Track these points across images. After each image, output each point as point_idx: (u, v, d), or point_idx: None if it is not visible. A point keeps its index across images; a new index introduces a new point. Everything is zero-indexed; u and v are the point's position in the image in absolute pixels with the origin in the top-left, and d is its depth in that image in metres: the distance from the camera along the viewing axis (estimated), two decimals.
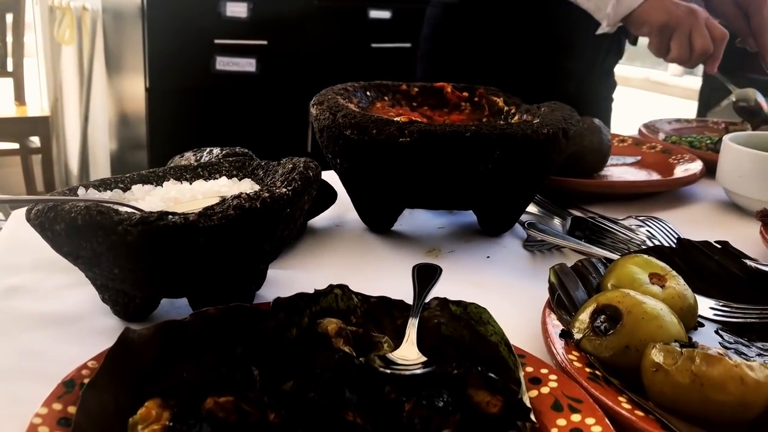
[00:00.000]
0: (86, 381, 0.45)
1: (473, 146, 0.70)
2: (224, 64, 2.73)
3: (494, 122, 0.88)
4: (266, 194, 0.54)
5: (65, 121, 3.58)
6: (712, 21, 1.08)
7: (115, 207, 0.53)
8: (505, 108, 0.89)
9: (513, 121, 0.86)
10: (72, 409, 0.43)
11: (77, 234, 0.51)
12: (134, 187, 0.65)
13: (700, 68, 3.15)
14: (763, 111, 1.22)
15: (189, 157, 0.82)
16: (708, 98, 2.73)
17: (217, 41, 2.67)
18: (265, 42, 2.75)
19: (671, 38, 1.07)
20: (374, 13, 2.94)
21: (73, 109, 3.42)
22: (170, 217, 0.51)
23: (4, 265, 0.70)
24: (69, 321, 0.60)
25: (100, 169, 3.33)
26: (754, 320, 0.61)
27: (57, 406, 0.43)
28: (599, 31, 1.13)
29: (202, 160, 0.79)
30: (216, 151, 0.81)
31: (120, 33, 2.94)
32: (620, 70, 1.55)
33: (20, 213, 0.83)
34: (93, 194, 0.62)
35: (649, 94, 8.41)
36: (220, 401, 0.42)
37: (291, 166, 0.60)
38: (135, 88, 2.76)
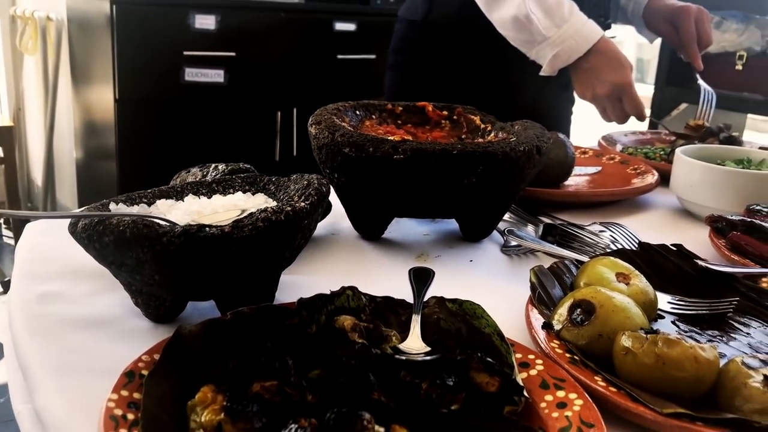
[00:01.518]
0: (144, 372, 0.53)
1: (460, 162, 0.79)
2: (193, 75, 2.78)
3: (474, 139, 0.97)
4: (288, 208, 0.62)
5: (28, 130, 3.57)
6: (632, 96, 1.24)
7: (156, 221, 0.60)
8: (482, 125, 0.98)
9: (489, 137, 0.96)
10: (137, 395, 0.50)
11: (125, 245, 0.58)
12: (158, 202, 0.72)
13: (652, 76, 3.27)
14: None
15: (195, 173, 0.89)
16: (659, 107, 2.89)
17: (186, 52, 2.73)
18: (233, 53, 2.81)
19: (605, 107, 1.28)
20: (339, 26, 3.02)
21: (37, 119, 3.41)
22: (208, 229, 0.58)
23: (32, 274, 0.76)
24: (104, 323, 0.67)
25: (66, 179, 3.33)
26: (705, 312, 0.71)
27: (124, 393, 0.50)
28: (541, 73, 1.26)
29: (209, 176, 0.87)
30: (221, 166, 0.88)
31: (87, 43, 2.96)
32: None
33: (35, 226, 0.89)
34: (123, 208, 0.69)
35: None
36: (266, 385, 0.50)
37: (306, 182, 0.68)
38: (103, 98, 2.79)
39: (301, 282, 0.77)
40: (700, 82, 1.44)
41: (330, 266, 0.84)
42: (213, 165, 0.89)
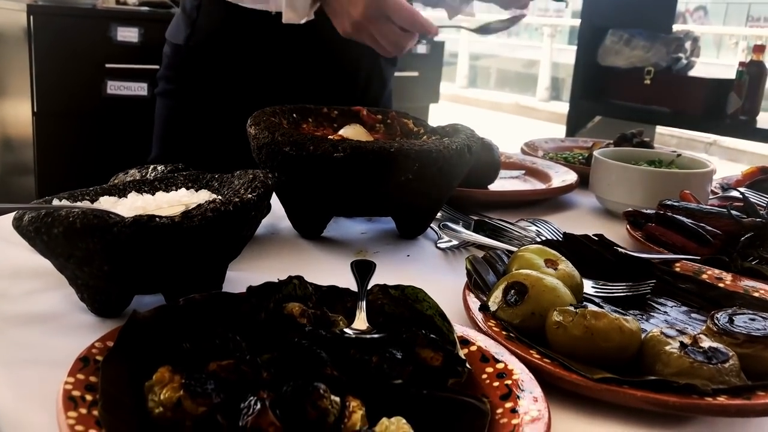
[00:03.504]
0: (98, 357, 0.54)
1: (396, 160, 0.82)
2: (116, 88, 2.74)
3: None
4: (236, 199, 0.64)
5: None
6: (399, 6, 1.01)
7: (106, 212, 0.61)
8: (414, 129, 1.03)
9: (422, 140, 1.00)
10: (93, 378, 0.51)
11: (75, 236, 0.58)
12: (102, 199, 0.72)
13: (567, 94, 3.44)
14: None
15: (134, 174, 0.90)
16: (575, 121, 3.03)
17: (108, 65, 2.68)
18: (157, 66, 2.77)
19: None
20: None
21: None
22: (158, 219, 0.60)
23: None
24: (49, 319, 0.67)
25: None
26: (626, 294, 0.77)
27: (80, 376, 0.51)
28: (285, 20, 1.06)
29: (148, 175, 0.87)
30: (160, 167, 0.89)
31: (2, 55, 2.87)
32: (491, 95, 1.67)
33: None
34: (66, 204, 0.69)
35: (520, 118, 8.98)
36: (223, 364, 0.52)
37: (251, 176, 0.70)
38: (20, 111, 2.70)
39: (245, 277, 0.79)
40: None
41: (272, 263, 0.86)
42: (152, 166, 0.89)
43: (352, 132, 0.97)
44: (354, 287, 0.70)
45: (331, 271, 0.83)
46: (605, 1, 2.95)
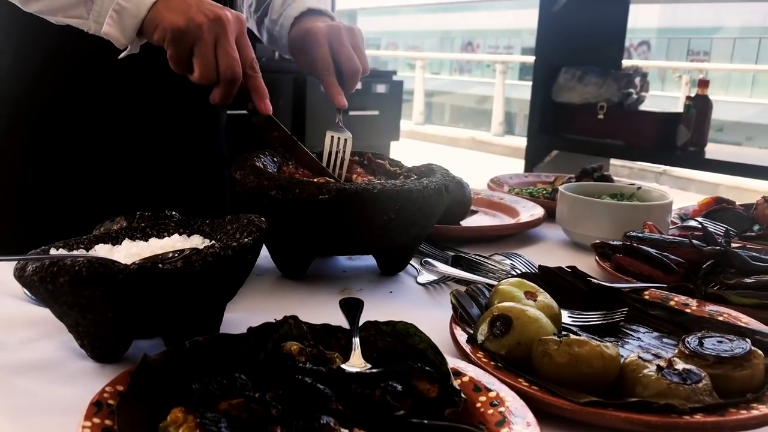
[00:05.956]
0: (111, 401, 0.55)
1: (380, 200, 0.86)
2: None
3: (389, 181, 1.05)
4: (234, 243, 0.67)
5: None
6: (246, 39, 0.88)
7: (109, 260, 0.63)
8: (391, 169, 1.07)
9: (399, 180, 1.04)
10: (108, 422, 0.53)
11: (81, 284, 0.60)
12: (97, 247, 0.74)
13: (520, 128, 3.59)
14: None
15: (120, 221, 0.91)
16: (533, 156, 3.13)
17: None
18: None
19: (193, 52, 0.85)
20: None
21: None
22: (161, 265, 0.62)
23: None
24: (48, 367, 0.68)
25: None
26: (600, 322, 0.82)
27: (96, 420, 0.53)
28: (121, 56, 0.88)
29: (134, 224, 0.89)
30: (147, 214, 0.91)
31: None
32: (447, 131, 1.72)
33: None
34: (63, 253, 0.71)
35: (476, 152, 9.13)
36: (233, 403, 0.54)
37: (246, 220, 0.73)
38: None
39: (235, 319, 0.81)
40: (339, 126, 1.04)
41: (261, 304, 0.88)
42: (138, 213, 0.91)
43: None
44: (344, 324, 0.73)
45: (318, 310, 0.85)
46: (558, 40, 3.08)
